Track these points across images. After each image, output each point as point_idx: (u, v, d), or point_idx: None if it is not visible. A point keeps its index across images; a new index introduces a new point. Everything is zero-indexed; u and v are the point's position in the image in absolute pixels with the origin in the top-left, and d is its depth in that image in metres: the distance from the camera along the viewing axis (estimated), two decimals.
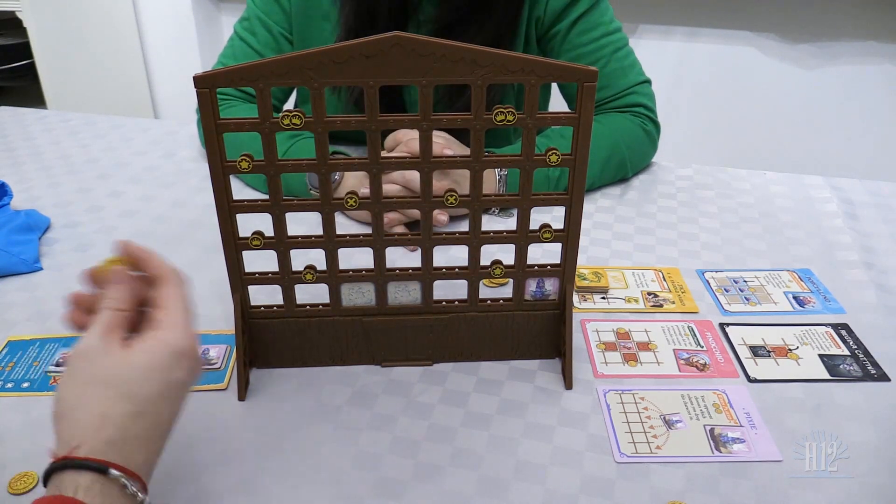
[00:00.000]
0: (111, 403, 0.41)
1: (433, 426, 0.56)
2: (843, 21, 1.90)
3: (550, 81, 0.52)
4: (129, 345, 0.44)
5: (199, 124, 0.99)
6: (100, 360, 0.43)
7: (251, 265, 0.59)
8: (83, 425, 0.41)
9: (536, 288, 0.62)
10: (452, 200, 0.56)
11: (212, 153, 0.53)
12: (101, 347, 0.43)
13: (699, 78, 2.08)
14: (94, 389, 0.42)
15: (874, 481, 0.52)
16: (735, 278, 0.76)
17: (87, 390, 0.42)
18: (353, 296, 0.61)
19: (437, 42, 0.49)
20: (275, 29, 0.98)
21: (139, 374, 0.43)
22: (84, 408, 0.41)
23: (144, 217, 0.88)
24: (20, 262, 0.75)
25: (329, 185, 0.56)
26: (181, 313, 0.46)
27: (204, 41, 2.35)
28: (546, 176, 0.86)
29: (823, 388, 0.60)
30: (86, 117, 1.20)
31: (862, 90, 1.97)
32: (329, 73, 0.50)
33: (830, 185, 0.97)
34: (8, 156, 1.05)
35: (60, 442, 0.41)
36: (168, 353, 0.44)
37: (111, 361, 0.43)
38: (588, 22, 0.95)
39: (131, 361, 0.43)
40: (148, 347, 0.44)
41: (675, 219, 0.88)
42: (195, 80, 0.50)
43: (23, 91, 2.25)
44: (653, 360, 0.64)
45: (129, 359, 0.43)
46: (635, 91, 0.97)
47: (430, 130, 0.53)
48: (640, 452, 0.54)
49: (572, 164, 0.55)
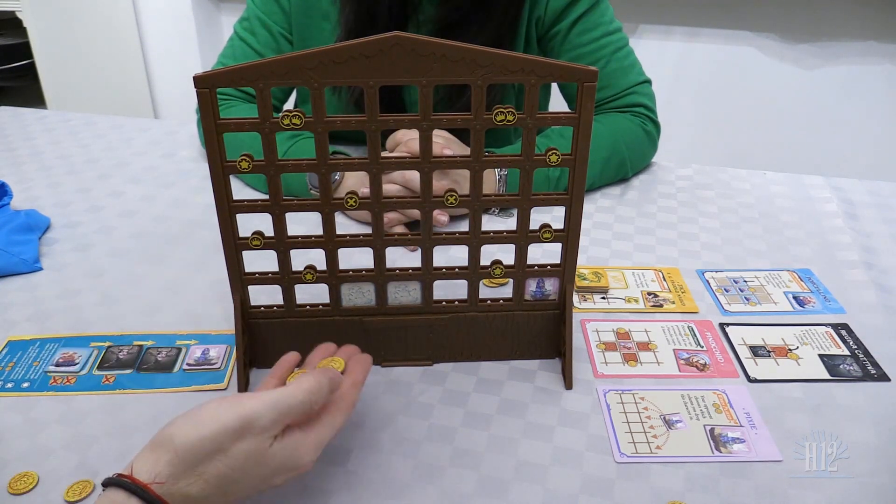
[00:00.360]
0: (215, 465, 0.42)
1: (433, 426, 0.56)
2: (843, 21, 1.90)
3: (550, 81, 0.52)
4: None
5: (199, 124, 0.99)
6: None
7: (251, 265, 0.59)
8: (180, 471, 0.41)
9: (536, 288, 0.62)
10: (452, 200, 0.56)
11: (212, 153, 0.53)
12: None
13: (699, 78, 2.08)
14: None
15: (874, 481, 0.52)
16: (735, 278, 0.76)
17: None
18: (353, 296, 0.61)
19: (438, 42, 0.49)
20: (274, 29, 0.98)
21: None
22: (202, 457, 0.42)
23: (144, 217, 0.88)
24: (20, 262, 0.75)
25: (329, 185, 0.56)
26: (327, 435, 0.48)
27: (204, 41, 2.35)
28: (546, 176, 0.86)
29: (823, 388, 0.60)
30: (86, 117, 1.20)
31: (862, 90, 1.97)
32: (329, 73, 0.50)
33: (830, 185, 0.97)
34: (8, 156, 1.05)
35: (146, 463, 0.41)
36: (288, 468, 0.45)
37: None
38: (588, 22, 0.95)
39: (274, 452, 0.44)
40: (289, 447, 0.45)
41: (675, 219, 0.88)
42: (195, 80, 0.50)
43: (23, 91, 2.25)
44: (653, 360, 0.64)
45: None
46: (635, 91, 0.97)
47: (430, 130, 0.53)
48: (640, 452, 0.54)
49: (572, 164, 0.55)
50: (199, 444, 0.41)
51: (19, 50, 2.06)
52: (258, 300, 0.61)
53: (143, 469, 0.41)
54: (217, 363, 0.63)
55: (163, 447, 0.41)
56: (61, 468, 0.52)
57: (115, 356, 0.63)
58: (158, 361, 0.63)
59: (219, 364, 0.63)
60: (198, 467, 0.41)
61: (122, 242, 0.82)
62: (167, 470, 0.41)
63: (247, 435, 0.43)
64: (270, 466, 0.44)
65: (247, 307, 0.60)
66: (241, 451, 0.42)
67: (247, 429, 0.42)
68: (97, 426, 0.56)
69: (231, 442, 0.42)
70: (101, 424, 0.56)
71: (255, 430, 0.43)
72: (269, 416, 0.43)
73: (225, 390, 0.60)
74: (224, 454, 0.42)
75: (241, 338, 0.60)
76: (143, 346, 0.65)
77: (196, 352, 0.64)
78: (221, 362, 0.63)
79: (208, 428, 0.42)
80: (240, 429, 0.42)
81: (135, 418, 0.57)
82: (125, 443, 0.55)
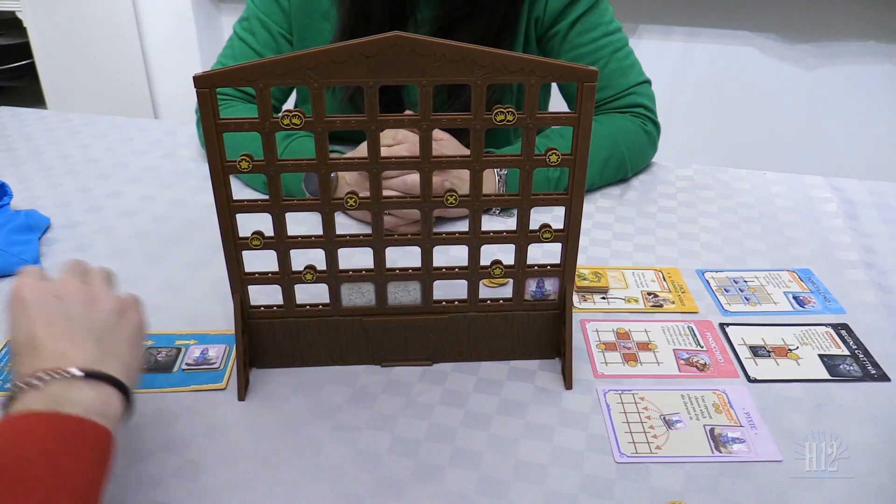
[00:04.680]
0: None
1: (433, 426, 0.56)
2: (843, 21, 1.90)
3: (550, 81, 0.52)
4: None
5: (199, 124, 0.99)
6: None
7: (251, 265, 0.59)
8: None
9: (536, 288, 0.62)
10: (452, 200, 0.56)
11: (212, 153, 0.53)
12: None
13: (699, 78, 2.08)
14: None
15: (874, 481, 0.52)
16: (735, 278, 0.76)
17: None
18: (353, 296, 0.61)
19: (437, 42, 0.49)
20: (274, 29, 0.98)
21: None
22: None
23: (144, 217, 0.88)
24: (20, 262, 0.75)
25: (329, 185, 0.56)
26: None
27: (204, 41, 2.35)
28: (546, 176, 0.86)
29: (823, 388, 0.60)
30: (86, 117, 1.20)
31: (862, 90, 1.97)
32: (329, 73, 0.50)
33: (830, 185, 0.97)
34: (8, 156, 1.05)
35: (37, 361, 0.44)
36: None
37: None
38: (588, 22, 0.95)
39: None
40: None
41: (675, 219, 0.88)
42: (195, 80, 0.50)
43: (23, 91, 2.25)
44: (653, 360, 0.64)
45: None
46: (635, 91, 0.97)
47: (430, 130, 0.53)
48: (640, 452, 0.54)
49: (572, 164, 0.55)
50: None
51: (19, 50, 2.06)
52: (258, 300, 0.61)
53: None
54: (216, 363, 0.63)
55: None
56: None
57: None
58: (158, 361, 0.63)
59: (218, 364, 0.63)
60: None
61: (122, 242, 0.82)
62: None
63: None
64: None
65: (247, 307, 0.60)
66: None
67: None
68: None
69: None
70: None
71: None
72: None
73: (224, 390, 0.60)
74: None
75: (240, 337, 0.60)
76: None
77: (195, 352, 0.64)
78: (220, 362, 0.63)
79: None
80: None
81: (135, 418, 0.57)
82: (125, 443, 0.55)
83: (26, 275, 0.50)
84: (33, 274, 0.50)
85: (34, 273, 0.50)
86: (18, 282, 0.49)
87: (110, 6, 2.25)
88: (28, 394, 0.42)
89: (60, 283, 0.50)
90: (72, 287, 0.50)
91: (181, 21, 2.30)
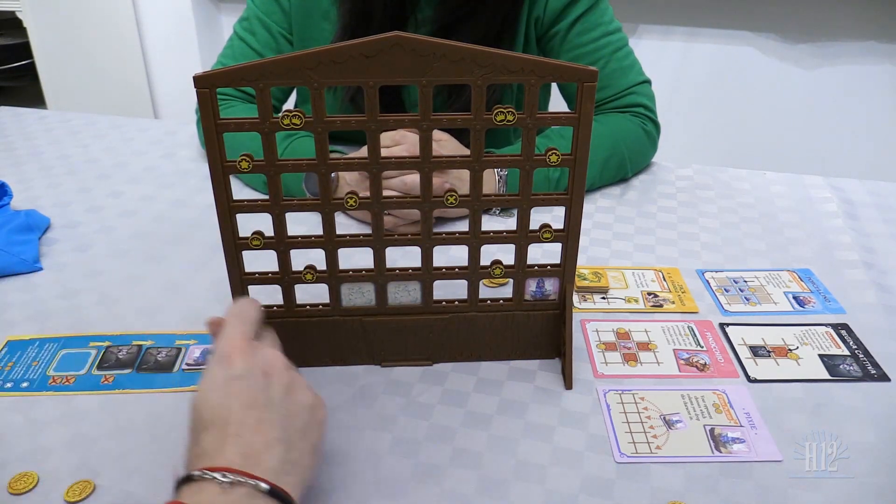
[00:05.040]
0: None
1: (433, 426, 0.56)
2: (843, 21, 1.90)
3: (550, 81, 0.52)
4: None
5: (199, 124, 0.99)
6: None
7: (251, 265, 0.59)
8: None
9: (536, 288, 0.62)
10: (452, 200, 0.56)
11: (212, 153, 0.53)
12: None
13: (699, 78, 2.08)
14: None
15: (874, 481, 0.52)
16: (735, 278, 0.76)
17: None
18: (353, 296, 0.61)
19: (438, 42, 0.49)
20: (274, 29, 0.98)
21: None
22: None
23: (144, 217, 0.88)
24: (20, 262, 0.75)
25: (329, 185, 0.56)
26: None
27: (204, 41, 2.35)
28: (546, 176, 0.86)
29: (823, 388, 0.60)
30: (86, 117, 1.20)
31: (862, 90, 1.97)
32: (329, 73, 0.50)
33: (830, 185, 0.97)
34: (8, 156, 1.05)
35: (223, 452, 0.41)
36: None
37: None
38: (588, 22, 0.95)
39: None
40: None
41: (675, 219, 0.88)
42: (195, 80, 0.50)
43: (23, 91, 2.25)
44: (653, 360, 0.64)
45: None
46: (635, 91, 0.97)
47: (430, 130, 0.53)
48: (640, 452, 0.54)
49: (572, 164, 0.55)
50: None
51: (19, 50, 2.06)
52: (258, 300, 0.61)
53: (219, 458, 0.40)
54: None
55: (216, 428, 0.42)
56: (61, 468, 0.52)
57: (115, 356, 0.63)
58: (158, 361, 0.63)
59: None
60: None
61: (122, 242, 0.82)
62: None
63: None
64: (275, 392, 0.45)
65: None
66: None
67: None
68: (97, 426, 0.56)
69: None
70: (100, 424, 0.56)
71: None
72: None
73: None
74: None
75: None
76: (143, 345, 0.65)
77: (195, 352, 0.64)
78: None
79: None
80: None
81: (134, 418, 0.57)
82: (125, 443, 0.55)
83: (236, 330, 0.48)
84: (242, 333, 0.48)
85: (243, 332, 0.48)
86: (229, 338, 0.47)
87: (110, 6, 2.25)
88: (208, 487, 0.39)
89: (267, 359, 0.47)
90: (278, 365, 0.47)
91: (181, 21, 2.30)
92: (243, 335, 0.48)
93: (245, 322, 0.50)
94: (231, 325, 0.49)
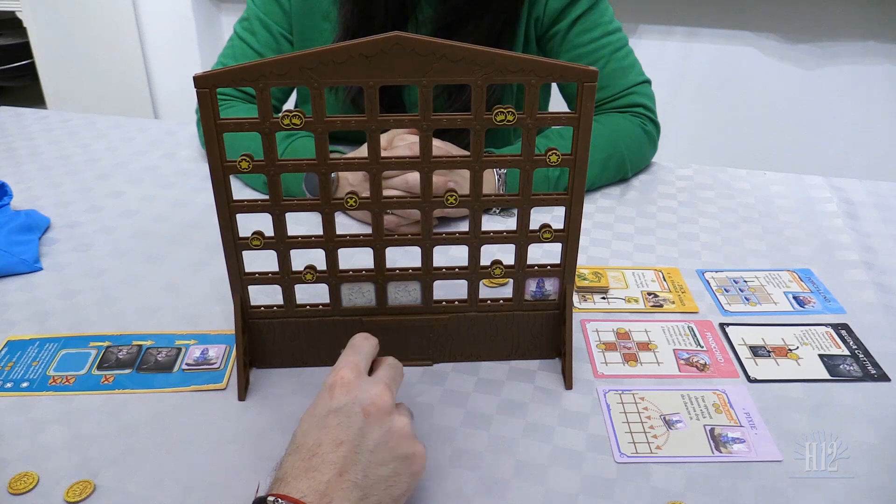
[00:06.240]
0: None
1: (433, 426, 0.56)
2: (843, 21, 1.90)
3: (550, 81, 0.52)
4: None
5: (199, 124, 0.99)
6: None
7: (251, 265, 0.59)
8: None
9: (536, 288, 0.62)
10: (452, 200, 0.56)
11: (212, 153, 0.53)
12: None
13: (699, 78, 2.08)
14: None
15: (874, 481, 0.52)
16: (735, 278, 0.76)
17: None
18: (353, 296, 0.61)
19: (438, 42, 0.49)
20: (275, 29, 0.98)
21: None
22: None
23: (144, 217, 0.88)
24: (20, 262, 0.75)
25: (329, 185, 0.56)
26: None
27: (204, 41, 2.35)
28: (546, 176, 0.86)
29: (823, 388, 0.60)
30: (86, 117, 1.20)
31: (862, 90, 1.97)
32: (329, 73, 0.50)
33: (830, 185, 0.97)
34: (8, 156, 1.05)
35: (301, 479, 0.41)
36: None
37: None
38: (588, 22, 0.95)
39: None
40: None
41: (675, 219, 0.88)
42: (195, 80, 0.50)
43: (23, 91, 2.25)
44: (653, 360, 0.64)
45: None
46: (635, 91, 0.97)
47: (431, 130, 0.53)
48: (640, 452, 0.54)
49: (572, 164, 0.55)
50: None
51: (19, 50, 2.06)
52: (258, 300, 0.61)
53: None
54: (216, 363, 0.63)
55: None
56: (61, 468, 0.52)
57: (115, 356, 0.63)
58: (158, 361, 0.63)
59: (218, 364, 0.63)
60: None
61: (122, 242, 0.82)
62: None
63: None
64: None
65: (247, 307, 0.60)
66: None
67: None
68: (97, 426, 0.56)
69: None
70: (100, 424, 0.56)
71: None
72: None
73: (224, 390, 0.60)
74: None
75: (240, 338, 0.60)
76: (143, 345, 0.65)
77: (195, 352, 0.64)
78: (221, 362, 0.63)
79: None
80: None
81: (134, 418, 0.57)
82: (125, 443, 0.55)
83: (347, 360, 0.48)
84: (353, 365, 0.48)
85: (354, 364, 0.48)
86: (338, 369, 0.47)
87: (110, 6, 2.25)
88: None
89: (372, 397, 0.46)
90: (381, 405, 0.46)
91: (181, 21, 2.30)
92: (354, 367, 0.48)
93: (357, 354, 0.50)
94: (343, 356, 0.49)
